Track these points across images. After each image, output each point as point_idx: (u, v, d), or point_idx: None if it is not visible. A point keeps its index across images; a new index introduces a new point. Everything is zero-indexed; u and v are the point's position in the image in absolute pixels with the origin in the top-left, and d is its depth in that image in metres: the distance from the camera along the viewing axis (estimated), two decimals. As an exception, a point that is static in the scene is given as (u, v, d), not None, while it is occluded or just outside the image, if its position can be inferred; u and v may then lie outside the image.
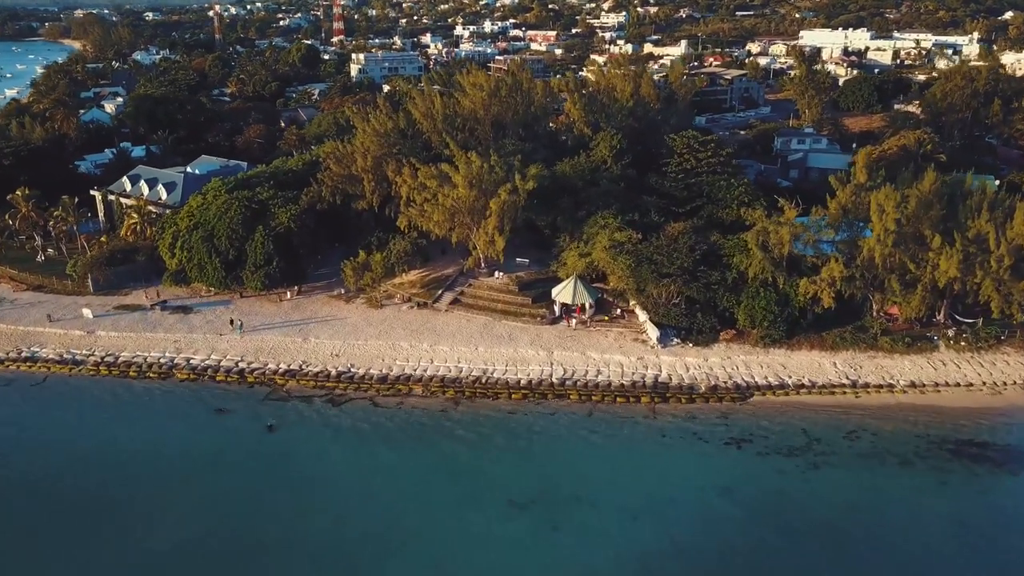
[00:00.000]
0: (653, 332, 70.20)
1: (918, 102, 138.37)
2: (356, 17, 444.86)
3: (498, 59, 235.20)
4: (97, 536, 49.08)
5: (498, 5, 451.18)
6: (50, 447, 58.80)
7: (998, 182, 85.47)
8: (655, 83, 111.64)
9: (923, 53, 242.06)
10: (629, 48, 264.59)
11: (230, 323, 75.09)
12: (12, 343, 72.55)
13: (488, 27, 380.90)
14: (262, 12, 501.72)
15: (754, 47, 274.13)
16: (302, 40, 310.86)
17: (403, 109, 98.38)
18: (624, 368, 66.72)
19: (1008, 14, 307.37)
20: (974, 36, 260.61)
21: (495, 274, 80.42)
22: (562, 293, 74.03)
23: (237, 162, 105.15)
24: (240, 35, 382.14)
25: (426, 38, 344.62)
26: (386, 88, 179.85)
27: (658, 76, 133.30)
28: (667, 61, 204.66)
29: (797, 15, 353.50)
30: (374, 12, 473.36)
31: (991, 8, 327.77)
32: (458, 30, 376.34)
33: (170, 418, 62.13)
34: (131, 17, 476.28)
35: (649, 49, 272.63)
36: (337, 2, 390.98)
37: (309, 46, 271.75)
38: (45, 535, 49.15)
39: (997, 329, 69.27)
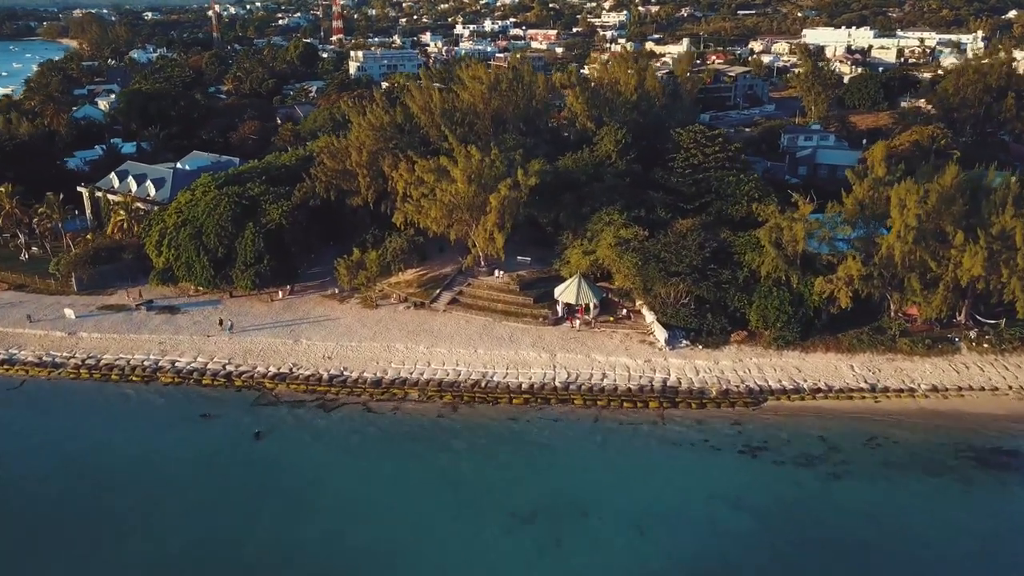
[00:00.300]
0: (661, 333, 67.15)
1: (924, 100, 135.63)
2: (356, 16, 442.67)
3: (498, 57, 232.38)
4: (67, 551, 45.93)
5: (498, 4, 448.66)
6: (20, 455, 55.69)
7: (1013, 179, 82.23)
8: (659, 78, 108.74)
9: (927, 51, 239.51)
10: (630, 47, 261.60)
11: (219, 323, 72.14)
12: (-10, 345, 69.53)
13: (488, 26, 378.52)
14: (261, 12, 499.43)
15: (756, 45, 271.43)
16: (301, 39, 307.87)
17: (400, 103, 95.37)
18: (631, 371, 63.64)
19: (1012, 13, 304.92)
20: (978, 35, 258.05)
21: (495, 273, 77.50)
22: (565, 293, 71.07)
23: (229, 158, 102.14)
24: (238, 34, 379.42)
25: (426, 37, 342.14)
26: (385, 85, 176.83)
27: (661, 73, 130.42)
28: (669, 60, 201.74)
29: (799, 14, 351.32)
30: (374, 12, 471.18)
31: (994, 7, 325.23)
32: (458, 29, 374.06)
33: (151, 424, 58.99)
34: (130, 16, 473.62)
35: (651, 48, 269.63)
36: (336, 1, 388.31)
37: (307, 44, 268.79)
38: (7, 548, 46.07)
39: (1022, 330, 66.13)
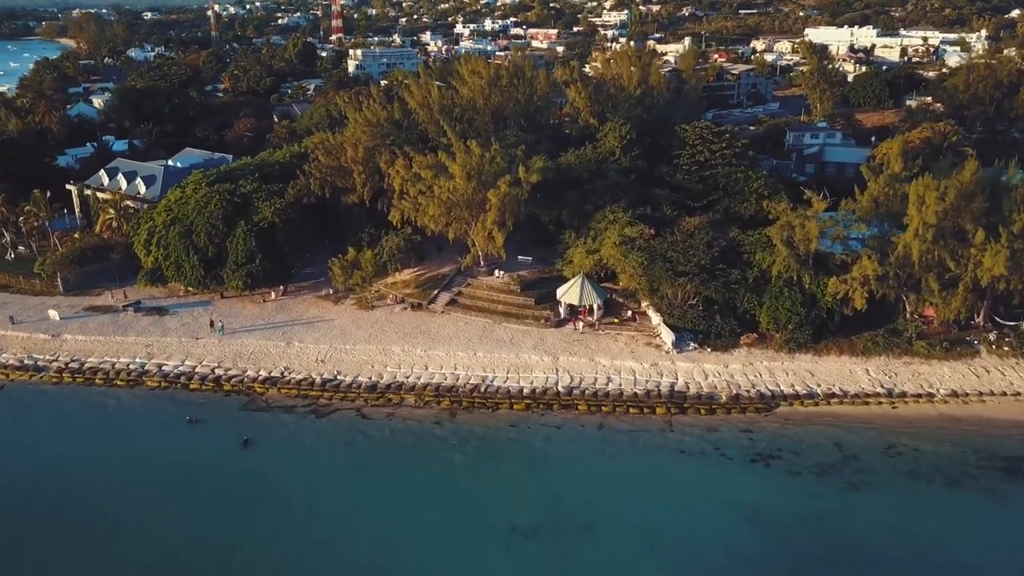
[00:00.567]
0: (668, 336, 64.55)
1: (931, 98, 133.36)
2: (356, 16, 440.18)
3: (498, 55, 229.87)
4: (32, 568, 43.26)
5: (499, 4, 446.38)
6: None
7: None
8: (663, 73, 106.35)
9: (931, 50, 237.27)
10: (632, 45, 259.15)
11: (210, 325, 69.58)
12: (-30, 348, 66.88)
13: (488, 25, 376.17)
14: (261, 11, 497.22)
15: (759, 44, 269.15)
16: (300, 37, 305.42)
17: (398, 98, 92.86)
18: (637, 375, 61.02)
19: (1015, 12, 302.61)
20: (982, 34, 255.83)
21: (495, 273, 74.94)
22: (568, 293, 68.49)
23: (222, 155, 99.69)
24: (237, 33, 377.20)
25: (426, 36, 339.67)
26: (383, 83, 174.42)
27: (664, 71, 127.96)
28: (671, 58, 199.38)
29: (801, 13, 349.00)
30: (374, 11, 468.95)
31: (997, 6, 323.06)
32: (458, 28, 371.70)
33: (135, 431, 56.32)
34: (129, 16, 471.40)
35: (652, 46, 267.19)
36: (336, 0, 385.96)
37: (306, 42, 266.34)
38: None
39: (1044, 333, 63.60)
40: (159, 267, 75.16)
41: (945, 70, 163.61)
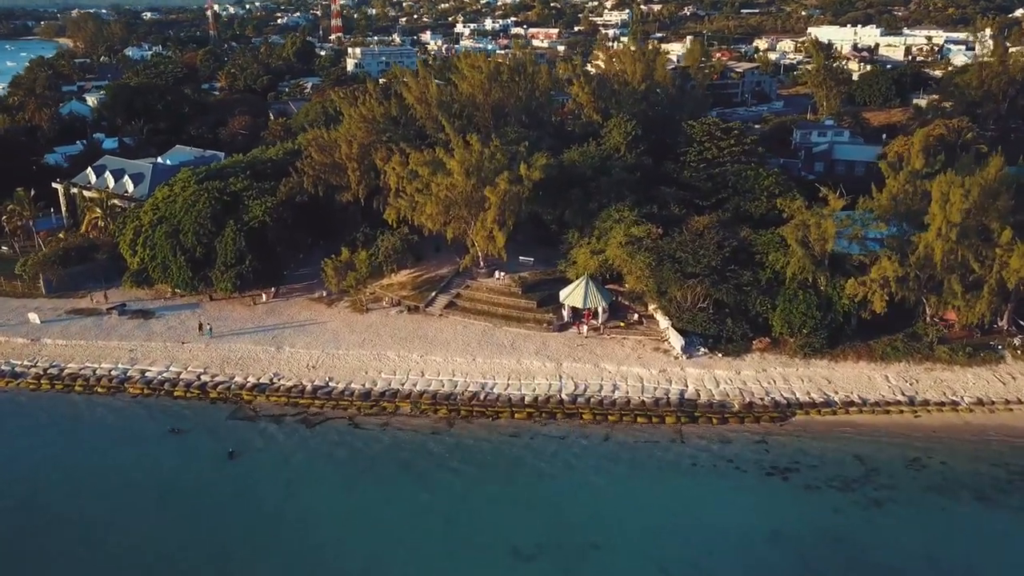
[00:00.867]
0: (676, 340, 61.65)
1: (938, 96, 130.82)
2: (356, 16, 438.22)
3: (499, 54, 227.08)
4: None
5: (499, 3, 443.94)
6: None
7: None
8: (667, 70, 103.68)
9: (935, 49, 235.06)
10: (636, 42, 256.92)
11: (198, 328, 66.79)
12: (-55, 353, 64.01)
13: (489, 25, 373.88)
14: (260, 11, 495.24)
15: (761, 43, 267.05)
16: (299, 36, 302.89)
17: (395, 94, 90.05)
18: (644, 382, 58.12)
19: (1019, 11, 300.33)
20: (986, 32, 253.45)
21: (495, 274, 72.25)
22: (571, 296, 65.70)
23: (214, 152, 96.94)
24: (236, 32, 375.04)
25: (426, 36, 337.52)
26: (382, 81, 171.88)
27: (668, 68, 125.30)
28: (673, 57, 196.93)
29: (803, 12, 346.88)
30: (374, 11, 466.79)
31: (1001, 5, 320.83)
32: (458, 28, 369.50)
33: (114, 440, 53.46)
34: (128, 16, 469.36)
35: (655, 44, 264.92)
36: (336, 0, 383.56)
37: (304, 41, 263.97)
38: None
39: (1071, 338, 60.69)
40: (145, 268, 72.47)
41: (951, 68, 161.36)
